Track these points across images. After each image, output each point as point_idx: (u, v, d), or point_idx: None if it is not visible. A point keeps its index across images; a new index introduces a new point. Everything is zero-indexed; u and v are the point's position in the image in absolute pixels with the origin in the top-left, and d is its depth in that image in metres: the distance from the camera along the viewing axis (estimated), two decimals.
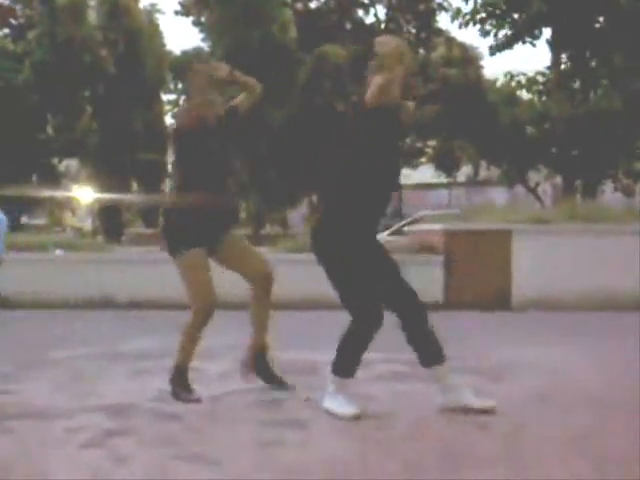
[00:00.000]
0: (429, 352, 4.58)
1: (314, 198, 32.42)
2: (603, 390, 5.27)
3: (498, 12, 23.68)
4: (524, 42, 24.01)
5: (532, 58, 64.31)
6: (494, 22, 23.87)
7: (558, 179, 25.14)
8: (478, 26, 23.87)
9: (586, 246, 11.08)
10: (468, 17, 23.87)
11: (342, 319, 4.57)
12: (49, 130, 30.64)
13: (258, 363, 5.22)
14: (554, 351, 6.98)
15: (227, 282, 5.42)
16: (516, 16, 23.76)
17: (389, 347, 5.93)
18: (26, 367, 6.19)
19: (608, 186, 25.34)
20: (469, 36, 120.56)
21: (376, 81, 4.36)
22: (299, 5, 33.30)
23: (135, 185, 34.08)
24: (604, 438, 4.00)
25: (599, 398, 5.00)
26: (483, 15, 23.83)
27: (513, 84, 24.93)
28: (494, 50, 24.14)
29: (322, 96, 26.23)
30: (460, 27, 24.18)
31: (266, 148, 25.48)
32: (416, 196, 36.12)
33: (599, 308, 10.59)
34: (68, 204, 34.95)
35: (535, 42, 23.93)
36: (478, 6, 23.87)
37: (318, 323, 8.45)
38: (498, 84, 25.61)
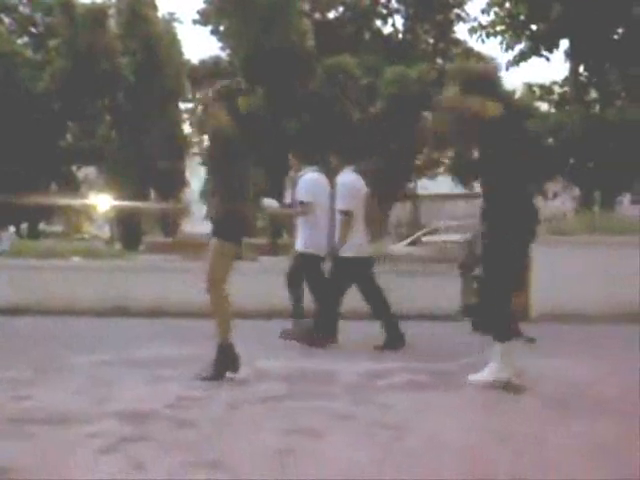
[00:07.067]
0: None
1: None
2: (622, 401, 5.24)
3: (517, 23, 23.61)
4: (540, 56, 23.93)
5: (550, 72, 64.15)
6: (512, 34, 23.80)
7: (576, 190, 25.03)
8: (499, 38, 23.81)
9: (605, 258, 11.02)
10: (489, 29, 23.80)
11: (356, 328, 4.56)
12: (68, 138, 30.83)
13: None
14: (572, 363, 6.94)
15: (242, 292, 5.43)
16: (534, 27, 23.70)
17: (408, 357, 5.93)
18: (46, 372, 6.22)
19: (626, 197, 25.23)
20: (487, 47, 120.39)
21: None
22: (317, 15, 33.40)
23: (153, 193, 34.17)
24: (623, 449, 3.97)
25: (619, 409, 4.97)
26: (502, 27, 23.77)
27: (531, 95, 24.87)
28: (510, 64, 24.07)
29: (335, 105, 26.25)
30: (478, 40, 24.15)
31: (281, 156, 25.52)
32: (433, 207, 36.09)
33: (618, 320, 10.51)
34: (86, 211, 35.13)
35: (550, 56, 23.89)
36: (497, 18, 23.83)
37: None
38: (516, 95, 25.54)
